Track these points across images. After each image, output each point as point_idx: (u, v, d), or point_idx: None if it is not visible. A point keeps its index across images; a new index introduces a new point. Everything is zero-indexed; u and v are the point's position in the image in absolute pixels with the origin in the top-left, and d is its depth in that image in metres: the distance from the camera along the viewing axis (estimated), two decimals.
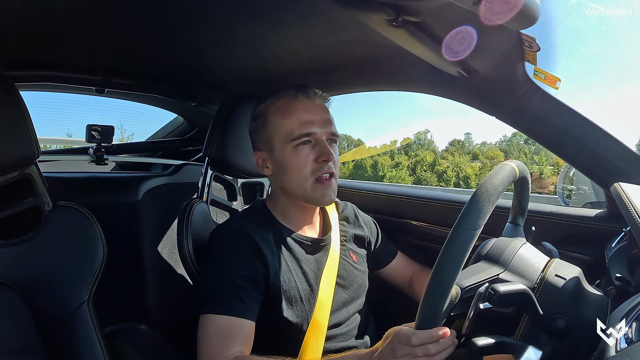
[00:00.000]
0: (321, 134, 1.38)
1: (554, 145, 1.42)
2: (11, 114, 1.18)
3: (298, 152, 1.37)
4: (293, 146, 1.37)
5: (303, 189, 1.38)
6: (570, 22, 1.44)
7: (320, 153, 1.36)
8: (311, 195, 1.39)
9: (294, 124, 1.37)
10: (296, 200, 1.44)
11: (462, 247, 0.90)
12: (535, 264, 1.08)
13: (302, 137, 1.36)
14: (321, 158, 1.36)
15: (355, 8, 1.08)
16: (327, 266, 1.44)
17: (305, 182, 1.37)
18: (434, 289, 0.92)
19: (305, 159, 1.37)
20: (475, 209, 0.92)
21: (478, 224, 0.91)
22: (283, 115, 1.39)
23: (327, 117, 1.42)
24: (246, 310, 1.25)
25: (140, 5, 1.26)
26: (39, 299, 1.18)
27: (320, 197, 1.39)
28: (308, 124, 1.37)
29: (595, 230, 1.51)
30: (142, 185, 2.13)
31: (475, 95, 1.52)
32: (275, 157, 1.41)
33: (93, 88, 2.05)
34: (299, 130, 1.36)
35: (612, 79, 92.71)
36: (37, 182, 1.28)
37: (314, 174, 1.37)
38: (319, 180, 1.37)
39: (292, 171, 1.38)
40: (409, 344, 0.97)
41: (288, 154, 1.38)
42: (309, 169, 1.36)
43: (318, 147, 1.37)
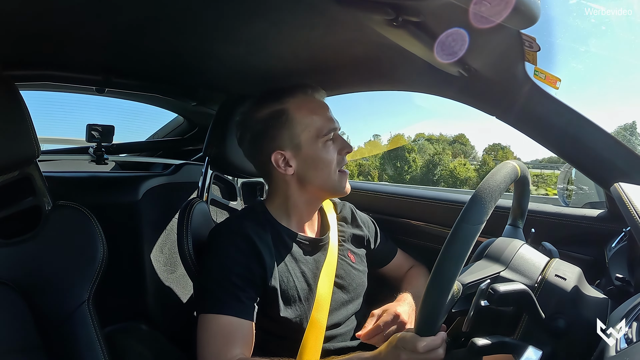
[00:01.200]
0: (338, 128, 1.46)
1: (554, 145, 1.42)
2: (11, 114, 1.18)
3: (327, 147, 1.43)
4: (323, 142, 1.42)
5: (331, 181, 1.44)
6: (570, 22, 1.44)
7: (342, 146, 1.45)
8: (338, 185, 1.45)
9: (323, 120, 1.43)
10: (318, 194, 1.48)
11: (465, 241, 0.91)
12: (536, 264, 1.08)
13: (331, 132, 1.42)
14: (344, 150, 1.46)
15: (355, 8, 1.08)
16: (326, 266, 1.44)
17: (334, 175, 1.44)
18: (436, 284, 0.92)
19: (333, 153, 1.43)
20: (478, 204, 0.93)
21: (481, 219, 0.92)
22: (311, 112, 1.43)
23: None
24: (244, 310, 1.25)
25: (141, 4, 1.26)
26: (39, 298, 1.18)
27: (344, 186, 1.47)
28: (331, 120, 1.45)
29: (596, 230, 1.51)
30: (142, 185, 2.13)
31: (475, 95, 1.52)
32: (304, 153, 1.43)
33: (93, 88, 2.04)
34: (327, 126, 1.42)
35: (612, 79, 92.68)
36: (37, 181, 1.28)
37: (339, 165, 1.45)
38: (341, 172, 1.46)
39: (323, 165, 1.43)
40: (416, 351, 0.98)
41: (319, 150, 1.42)
42: (336, 161, 1.44)
43: (339, 141, 1.45)
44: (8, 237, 1.21)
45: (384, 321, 1.35)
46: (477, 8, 0.92)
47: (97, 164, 2.19)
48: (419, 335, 0.97)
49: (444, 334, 1.00)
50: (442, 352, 0.99)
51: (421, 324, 0.96)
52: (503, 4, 0.89)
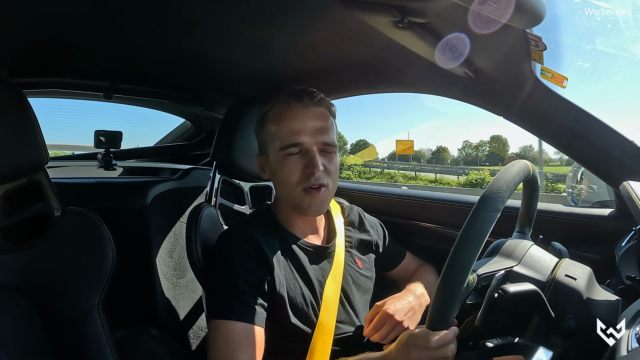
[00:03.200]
0: (310, 144, 1.36)
1: (563, 144, 1.42)
2: (20, 121, 1.18)
3: (286, 161, 1.36)
4: (283, 155, 1.36)
5: (291, 198, 1.39)
6: (576, 20, 1.43)
7: (307, 164, 1.35)
8: (299, 205, 1.38)
9: (283, 132, 1.36)
10: (288, 208, 1.45)
11: (482, 227, 0.92)
12: (547, 262, 1.08)
13: (289, 147, 1.35)
14: (307, 169, 1.34)
15: (360, 10, 1.08)
16: (332, 273, 1.43)
17: (293, 192, 1.37)
18: (453, 269, 0.92)
19: (294, 169, 1.36)
20: (495, 192, 0.95)
21: (497, 206, 0.94)
22: (276, 122, 1.39)
23: (321, 125, 1.39)
24: (253, 316, 1.24)
25: (148, 11, 1.27)
26: (49, 304, 1.19)
27: (307, 207, 1.38)
28: (296, 133, 1.35)
29: (605, 229, 1.50)
30: (151, 190, 2.13)
31: (482, 95, 1.51)
32: (269, 163, 1.42)
33: (101, 94, 2.05)
34: (287, 139, 1.35)
35: (619, 77, 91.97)
36: (46, 187, 1.28)
37: (301, 185, 1.36)
38: (306, 191, 1.36)
39: (280, 180, 1.39)
40: (428, 347, 0.97)
41: (278, 162, 1.38)
42: (296, 179, 1.36)
43: (307, 157, 1.35)
44: (18, 243, 1.22)
45: (375, 324, 1.35)
46: (482, 8, 0.92)
47: (106, 169, 2.20)
48: (430, 329, 0.96)
49: (456, 328, 0.99)
50: (454, 348, 0.98)
51: (434, 315, 0.96)
52: (508, 4, 0.89)
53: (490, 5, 0.89)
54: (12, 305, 1.14)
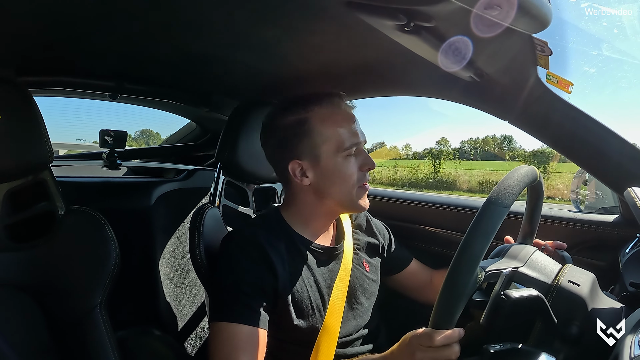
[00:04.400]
0: (363, 143, 1.41)
1: (567, 149, 1.42)
2: (25, 120, 1.19)
3: (348, 162, 1.37)
4: (344, 156, 1.37)
5: (349, 197, 1.39)
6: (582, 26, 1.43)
7: (364, 162, 1.39)
8: (356, 201, 1.40)
9: (346, 134, 1.37)
10: (334, 207, 1.44)
11: (492, 221, 0.93)
12: (550, 267, 1.08)
13: (353, 146, 1.37)
14: (366, 167, 1.39)
15: (366, 13, 1.08)
16: (340, 275, 1.43)
17: (352, 190, 1.38)
18: (462, 261, 0.92)
19: (354, 168, 1.38)
20: (506, 189, 0.97)
21: (507, 202, 0.95)
22: (334, 124, 1.38)
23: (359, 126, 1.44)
24: (255, 318, 1.24)
25: (154, 12, 1.27)
26: (52, 302, 1.19)
27: (363, 203, 1.42)
28: (355, 134, 1.38)
29: (609, 235, 1.50)
30: (155, 190, 2.14)
31: (487, 99, 1.51)
32: (322, 166, 1.39)
33: (106, 94, 2.06)
34: (350, 140, 1.36)
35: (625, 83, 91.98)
36: (51, 186, 1.29)
37: (359, 182, 1.39)
38: (361, 188, 1.40)
39: (341, 180, 1.38)
40: (433, 346, 0.96)
41: (339, 164, 1.37)
42: (356, 177, 1.38)
43: (361, 156, 1.40)
44: (22, 242, 1.22)
45: None
46: (488, 13, 0.92)
47: (110, 169, 2.21)
48: (435, 327, 0.96)
49: (461, 329, 0.98)
50: (458, 350, 0.97)
51: (440, 311, 0.95)
52: (515, 9, 0.89)
53: (496, 10, 0.89)
54: (16, 303, 1.15)
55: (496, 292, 0.96)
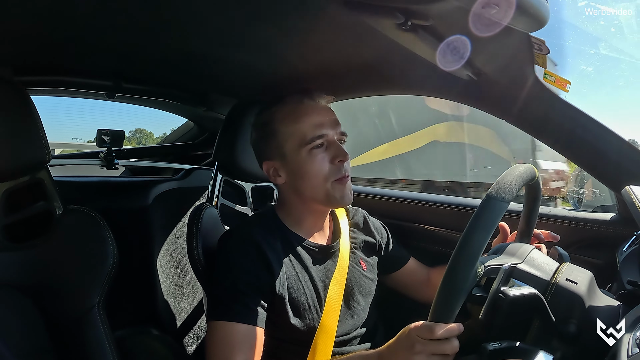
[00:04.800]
0: (333, 135, 1.38)
1: (565, 148, 1.42)
2: (23, 119, 1.19)
3: (313, 156, 1.36)
4: (307, 151, 1.35)
5: (323, 192, 1.37)
6: (579, 25, 1.44)
7: (335, 154, 1.36)
8: (332, 197, 1.37)
9: (305, 127, 1.36)
10: (314, 205, 1.43)
11: (492, 215, 0.93)
12: (548, 265, 1.08)
13: (315, 139, 1.35)
14: (337, 159, 1.36)
15: (364, 12, 1.08)
16: (336, 274, 1.43)
17: (326, 185, 1.36)
18: (462, 255, 0.92)
19: (322, 162, 1.36)
20: (506, 184, 0.98)
21: (507, 197, 0.95)
22: (293, 120, 1.38)
23: (335, 117, 1.42)
24: (252, 317, 1.24)
25: (151, 11, 1.27)
26: (50, 302, 1.19)
27: (341, 197, 1.38)
28: (319, 126, 1.36)
29: (607, 233, 1.50)
30: (153, 190, 2.14)
31: (485, 98, 1.51)
32: (289, 164, 1.40)
33: (104, 93, 2.06)
34: (311, 133, 1.35)
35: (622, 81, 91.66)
36: (48, 186, 1.29)
37: (332, 176, 1.36)
38: (337, 181, 1.36)
39: (309, 176, 1.37)
40: (433, 339, 0.95)
41: (303, 160, 1.36)
42: (326, 172, 1.36)
43: (332, 148, 1.37)
44: (19, 242, 1.22)
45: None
46: (486, 11, 0.92)
47: (108, 168, 2.21)
48: (435, 320, 0.95)
49: (460, 324, 0.98)
50: (457, 345, 0.96)
51: (440, 304, 0.95)
52: (512, 7, 0.89)
53: (494, 9, 0.89)
54: (14, 303, 1.15)
55: (495, 287, 0.96)
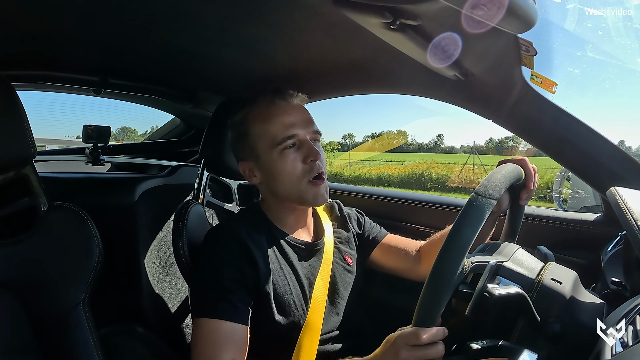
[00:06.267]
0: (304, 135, 1.38)
1: (551, 149, 1.43)
2: (8, 114, 1.17)
3: (285, 156, 1.36)
4: (279, 151, 1.36)
5: (297, 192, 1.38)
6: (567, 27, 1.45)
7: (307, 154, 1.36)
8: (305, 197, 1.38)
9: (276, 128, 1.36)
10: (289, 204, 1.44)
11: (479, 211, 0.95)
12: (534, 263, 1.09)
13: (286, 140, 1.35)
14: (309, 159, 1.36)
15: (352, 11, 1.08)
16: (321, 271, 1.43)
17: (298, 185, 1.37)
18: (450, 248, 0.93)
19: (294, 162, 1.36)
20: (493, 182, 1.01)
21: (494, 195, 0.98)
22: (263, 121, 1.39)
23: (307, 116, 1.42)
24: (236, 314, 1.23)
25: (138, 6, 1.26)
26: (34, 299, 1.18)
27: (314, 197, 1.38)
28: (290, 126, 1.36)
29: (591, 234, 1.52)
30: (139, 187, 2.12)
31: (472, 98, 1.52)
32: (262, 164, 1.41)
33: (90, 88, 2.04)
34: (282, 133, 1.35)
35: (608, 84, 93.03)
36: (33, 182, 1.27)
37: (306, 176, 1.36)
38: (311, 182, 1.36)
39: (282, 177, 1.37)
40: (418, 343, 0.95)
41: (275, 160, 1.37)
42: (299, 172, 1.36)
43: (304, 148, 1.37)
44: (3, 238, 1.20)
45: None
46: (474, 12, 0.92)
47: (94, 165, 2.19)
48: (419, 325, 0.95)
49: (445, 328, 0.98)
50: (443, 348, 0.97)
51: (426, 300, 0.95)
52: (500, 8, 0.89)
53: (482, 10, 0.90)
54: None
55: (482, 284, 0.96)
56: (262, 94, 1.43)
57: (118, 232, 1.90)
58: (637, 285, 1.07)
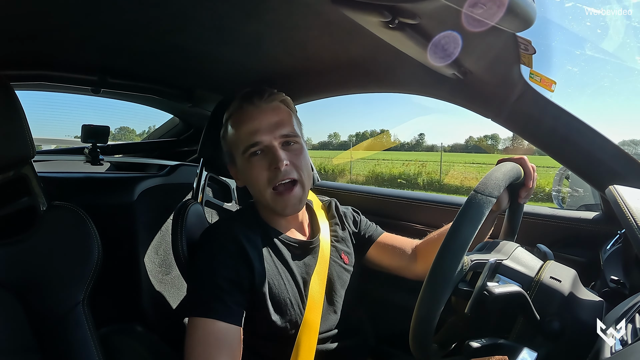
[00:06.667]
0: (269, 140, 1.35)
1: (550, 147, 1.43)
2: (6, 114, 1.17)
3: (251, 163, 1.36)
4: (246, 158, 1.36)
5: (264, 201, 1.38)
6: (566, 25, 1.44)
7: (271, 161, 1.34)
8: (272, 206, 1.37)
9: (242, 135, 1.36)
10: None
11: (479, 208, 0.96)
12: (532, 263, 1.09)
13: (250, 147, 1.35)
14: (273, 165, 1.33)
15: (351, 10, 1.08)
16: (317, 269, 1.42)
17: (264, 193, 1.36)
18: (450, 245, 0.93)
19: (260, 169, 1.35)
20: (493, 180, 1.02)
21: (493, 192, 0.99)
22: (233, 127, 1.40)
23: (276, 119, 1.37)
24: (230, 314, 1.22)
25: (137, 6, 1.26)
26: (34, 299, 1.18)
27: (282, 209, 1.37)
28: (253, 133, 1.35)
29: (591, 232, 1.51)
30: (138, 186, 2.13)
31: (471, 97, 1.52)
32: (238, 170, 1.43)
33: (89, 88, 2.04)
34: (246, 141, 1.35)
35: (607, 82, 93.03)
36: (33, 182, 1.27)
37: (271, 184, 1.34)
38: (277, 191, 1.35)
39: (252, 184, 1.38)
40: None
41: (245, 167, 1.38)
42: (264, 178, 1.34)
43: (269, 155, 1.35)
44: (2, 238, 1.20)
45: None
46: (472, 11, 0.92)
47: (93, 164, 2.19)
48: (420, 315, 0.95)
49: None
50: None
51: (427, 294, 0.95)
52: (498, 7, 0.89)
53: (481, 8, 0.90)
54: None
55: (481, 282, 0.97)
56: (238, 98, 1.42)
57: (117, 231, 1.91)
58: (636, 283, 1.07)
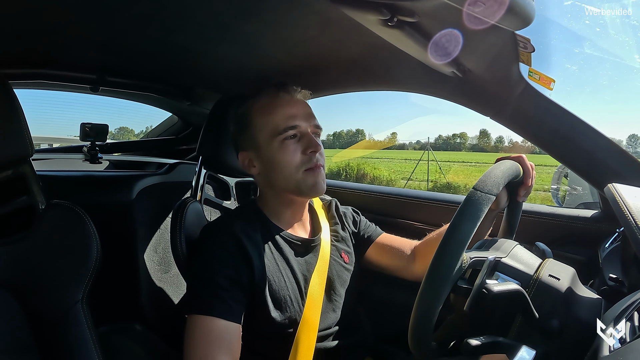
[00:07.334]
0: (306, 127, 1.39)
1: (548, 145, 1.43)
2: (5, 112, 1.17)
3: (285, 146, 1.37)
4: (280, 141, 1.37)
5: (294, 182, 1.38)
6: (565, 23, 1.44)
7: (307, 145, 1.37)
8: (303, 185, 1.38)
9: (278, 119, 1.37)
10: (286, 196, 1.44)
11: (478, 206, 0.96)
12: (532, 259, 1.09)
13: (287, 129, 1.36)
14: (309, 150, 1.36)
15: (350, 8, 1.08)
16: (317, 267, 1.43)
17: (296, 174, 1.37)
18: (449, 242, 0.94)
19: (294, 152, 1.37)
20: (492, 177, 1.03)
21: (493, 190, 0.99)
22: (267, 112, 1.40)
23: (310, 111, 1.43)
24: (229, 312, 1.22)
25: (135, 4, 1.26)
26: (33, 298, 1.17)
27: (312, 185, 1.38)
28: (292, 117, 1.37)
29: (589, 230, 1.52)
30: (136, 184, 2.12)
31: (469, 95, 1.52)
32: (263, 154, 1.41)
33: (88, 86, 2.04)
34: (284, 123, 1.36)
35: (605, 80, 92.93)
36: (31, 180, 1.27)
37: (303, 166, 1.36)
38: (308, 170, 1.37)
39: (281, 166, 1.38)
40: None
41: (275, 150, 1.37)
42: (298, 162, 1.36)
43: (304, 139, 1.38)
44: (1, 237, 1.20)
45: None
46: (472, 9, 0.92)
47: (91, 163, 2.18)
48: (418, 320, 0.95)
49: None
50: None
51: (426, 291, 0.95)
52: (498, 5, 0.89)
53: (480, 6, 0.90)
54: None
55: (480, 280, 0.97)
56: (267, 87, 1.45)
57: (116, 230, 1.90)
58: (634, 281, 1.07)
